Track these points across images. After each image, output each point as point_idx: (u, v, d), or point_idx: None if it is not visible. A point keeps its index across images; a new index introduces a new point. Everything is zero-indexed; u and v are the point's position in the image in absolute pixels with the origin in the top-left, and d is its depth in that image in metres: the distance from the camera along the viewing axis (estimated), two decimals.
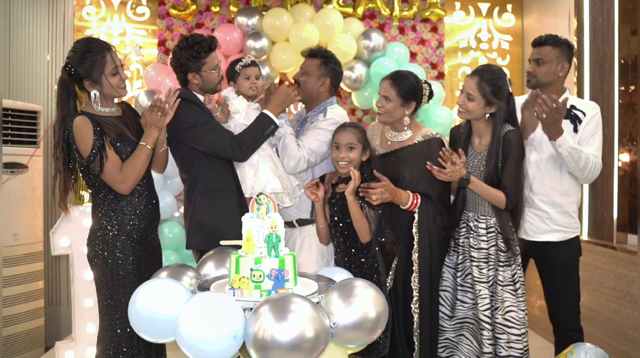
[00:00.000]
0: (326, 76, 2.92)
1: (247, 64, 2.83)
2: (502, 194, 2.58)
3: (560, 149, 2.64)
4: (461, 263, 2.70)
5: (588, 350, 2.65)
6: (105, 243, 2.49)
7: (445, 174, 2.55)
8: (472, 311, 2.66)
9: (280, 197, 2.72)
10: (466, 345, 2.67)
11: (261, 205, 1.94)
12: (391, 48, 4.22)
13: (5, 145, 3.60)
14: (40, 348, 3.88)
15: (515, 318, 2.59)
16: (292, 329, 1.66)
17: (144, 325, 1.87)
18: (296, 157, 2.74)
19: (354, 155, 2.63)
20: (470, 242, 2.67)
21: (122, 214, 2.50)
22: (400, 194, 2.60)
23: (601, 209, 3.67)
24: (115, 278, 2.48)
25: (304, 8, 4.18)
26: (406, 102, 2.71)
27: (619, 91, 3.57)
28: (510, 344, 2.57)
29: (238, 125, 2.74)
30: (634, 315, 3.26)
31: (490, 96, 2.59)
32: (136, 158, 2.45)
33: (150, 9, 4.36)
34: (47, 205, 4.20)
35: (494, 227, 2.64)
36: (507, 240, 2.62)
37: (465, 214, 2.71)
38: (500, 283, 2.61)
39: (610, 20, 3.63)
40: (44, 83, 4.30)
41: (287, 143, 2.75)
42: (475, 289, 2.62)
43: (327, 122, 2.83)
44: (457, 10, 4.68)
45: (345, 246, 2.67)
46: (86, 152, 2.40)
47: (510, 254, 2.63)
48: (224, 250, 2.29)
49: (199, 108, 2.68)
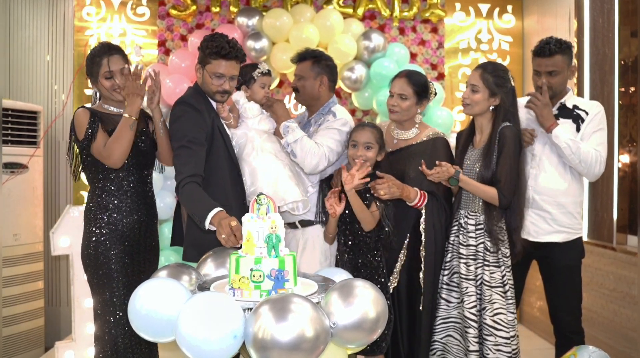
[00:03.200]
0: (322, 73, 2.90)
1: (264, 72, 2.80)
2: (494, 190, 2.57)
3: (557, 140, 2.65)
4: (449, 261, 2.70)
5: (592, 353, 2.63)
6: (93, 242, 2.53)
7: (432, 176, 2.57)
8: (457, 310, 2.66)
9: (297, 205, 2.69)
10: (455, 345, 2.67)
11: (261, 205, 1.94)
12: (391, 49, 4.22)
13: (5, 145, 3.61)
14: (40, 348, 3.88)
15: (504, 320, 2.57)
16: (292, 329, 1.66)
17: (144, 325, 1.86)
18: (318, 154, 2.71)
19: (371, 154, 2.65)
20: (460, 239, 2.67)
21: (106, 213, 2.54)
22: (409, 190, 2.62)
23: (601, 210, 3.67)
24: (101, 278, 2.52)
25: (304, 8, 4.18)
26: (420, 101, 2.74)
27: (619, 92, 3.57)
28: (499, 347, 2.55)
29: (252, 130, 2.71)
30: (633, 316, 3.26)
31: (494, 86, 2.61)
32: (119, 131, 2.49)
33: (151, 9, 4.36)
34: (47, 205, 4.20)
35: (483, 224, 2.63)
36: (494, 239, 2.59)
37: (458, 213, 2.72)
38: (488, 284, 2.59)
39: (610, 21, 3.63)
40: (44, 83, 4.30)
41: (306, 142, 2.72)
42: (461, 287, 2.62)
43: (339, 123, 2.82)
44: (458, 11, 4.68)
45: (353, 243, 2.68)
46: (81, 136, 2.52)
47: (501, 255, 2.60)
48: (224, 250, 2.29)
49: (190, 119, 2.50)
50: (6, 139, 3.63)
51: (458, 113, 4.57)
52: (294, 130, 2.73)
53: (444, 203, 2.72)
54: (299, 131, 2.75)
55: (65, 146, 4.29)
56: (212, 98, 2.62)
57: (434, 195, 2.68)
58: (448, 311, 2.68)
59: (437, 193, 2.70)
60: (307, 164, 2.73)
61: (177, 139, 2.49)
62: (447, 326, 2.69)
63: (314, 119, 2.94)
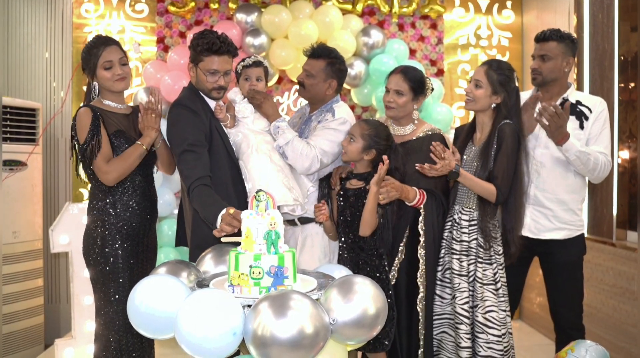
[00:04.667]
0: (333, 77, 2.82)
1: (247, 64, 2.72)
2: (493, 187, 2.55)
3: (568, 154, 2.62)
4: (442, 258, 2.69)
5: (589, 348, 2.63)
6: (100, 239, 2.52)
7: (436, 170, 2.53)
8: (450, 306, 2.65)
9: (292, 207, 2.66)
10: (449, 342, 2.66)
11: (260, 202, 1.94)
12: (390, 45, 4.22)
13: (5, 143, 3.60)
14: (39, 345, 3.89)
15: (495, 318, 2.55)
16: (291, 326, 1.65)
17: (143, 322, 1.86)
18: (309, 156, 2.65)
19: (351, 147, 2.62)
20: (453, 235, 2.65)
21: (115, 210, 2.53)
22: (408, 190, 2.60)
23: (601, 206, 3.67)
24: (106, 275, 2.51)
25: (303, 5, 4.17)
26: (417, 96, 2.73)
27: (618, 88, 3.56)
28: (490, 345, 2.54)
29: (248, 131, 2.66)
30: (633, 311, 3.26)
31: (497, 84, 2.59)
32: (128, 155, 2.49)
33: (149, 6, 4.35)
34: (47, 203, 4.20)
35: (476, 220, 2.62)
36: (487, 236, 2.57)
37: (452, 209, 2.70)
38: (480, 281, 2.58)
39: (610, 16, 3.62)
40: (43, 80, 4.29)
41: (297, 145, 2.65)
42: (454, 283, 2.61)
43: (336, 122, 2.76)
44: (457, 7, 4.67)
45: (353, 242, 2.67)
46: (82, 139, 2.48)
47: (493, 252, 2.59)
48: (223, 246, 2.28)
49: (188, 122, 2.51)
50: (5, 136, 3.63)
51: (457, 109, 4.56)
52: (284, 132, 2.67)
53: (442, 201, 2.71)
54: (289, 133, 2.68)
55: (64, 143, 4.29)
56: (208, 96, 2.61)
57: (433, 194, 2.67)
58: (442, 308, 2.68)
59: (436, 190, 2.69)
60: (299, 167, 2.68)
61: (178, 144, 2.48)
62: (442, 322, 2.69)
63: (315, 115, 2.90)
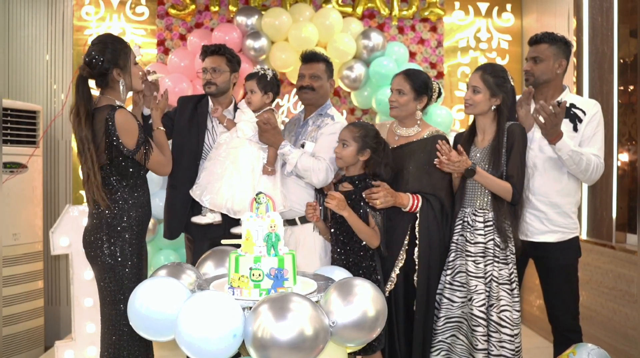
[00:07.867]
0: (331, 76, 3.02)
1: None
2: (509, 185, 2.60)
3: (560, 153, 2.64)
4: (452, 261, 2.70)
5: (590, 351, 2.61)
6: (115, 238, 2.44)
7: (453, 164, 2.56)
8: (462, 310, 2.66)
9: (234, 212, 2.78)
10: (459, 345, 2.66)
11: (260, 204, 1.94)
12: (390, 48, 4.23)
13: (5, 145, 3.60)
14: (40, 347, 3.88)
15: (509, 318, 2.57)
16: (291, 328, 1.66)
17: (143, 324, 1.87)
18: (322, 169, 2.76)
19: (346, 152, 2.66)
20: (467, 237, 2.66)
21: (139, 209, 2.49)
22: (401, 197, 2.64)
23: (600, 208, 3.67)
24: (118, 275, 2.45)
25: (303, 8, 4.18)
26: (419, 97, 2.76)
27: (618, 91, 3.57)
28: (503, 344, 2.56)
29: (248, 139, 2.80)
30: (632, 314, 3.26)
31: (494, 86, 2.64)
32: (162, 142, 2.61)
33: (149, 8, 4.36)
34: (47, 205, 4.20)
35: (492, 221, 2.63)
36: (504, 235, 2.60)
37: (462, 211, 2.71)
38: (497, 280, 2.59)
39: (609, 19, 3.63)
40: (43, 83, 4.29)
41: (305, 162, 2.76)
42: (470, 285, 2.61)
43: (338, 126, 2.84)
44: (457, 10, 4.68)
45: (344, 244, 2.68)
46: (132, 144, 2.40)
47: (509, 252, 2.62)
48: (224, 249, 2.29)
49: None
50: (5, 138, 3.63)
51: (457, 112, 4.57)
52: (288, 156, 2.77)
53: (443, 202, 2.71)
54: (293, 157, 2.77)
55: (64, 146, 4.29)
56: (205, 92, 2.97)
57: (428, 198, 2.68)
58: (452, 311, 2.68)
59: (439, 191, 2.70)
60: (316, 182, 2.78)
61: None
62: (452, 326, 2.69)
63: (312, 119, 2.96)
